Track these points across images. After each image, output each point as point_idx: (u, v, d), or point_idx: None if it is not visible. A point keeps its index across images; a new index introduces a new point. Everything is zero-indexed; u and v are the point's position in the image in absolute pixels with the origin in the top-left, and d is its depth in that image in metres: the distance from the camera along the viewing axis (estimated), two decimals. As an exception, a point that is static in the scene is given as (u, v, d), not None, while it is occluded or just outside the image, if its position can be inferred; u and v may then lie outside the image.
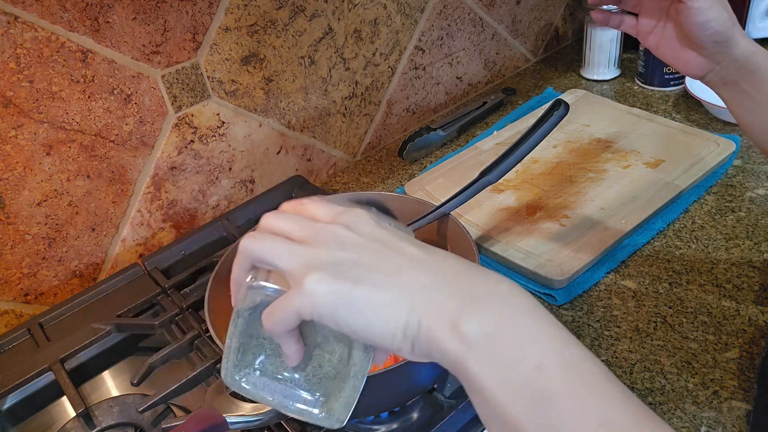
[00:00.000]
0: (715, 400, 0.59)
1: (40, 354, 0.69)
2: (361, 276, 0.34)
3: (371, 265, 0.34)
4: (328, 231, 0.36)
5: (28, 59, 0.68)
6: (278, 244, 0.36)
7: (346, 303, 0.33)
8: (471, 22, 1.10)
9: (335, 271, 0.34)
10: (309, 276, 0.33)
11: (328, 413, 0.38)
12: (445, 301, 0.33)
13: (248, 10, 0.82)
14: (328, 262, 0.34)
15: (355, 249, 0.35)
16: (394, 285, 0.34)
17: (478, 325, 0.31)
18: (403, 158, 1.02)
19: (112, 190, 0.79)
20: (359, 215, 0.37)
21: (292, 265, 0.35)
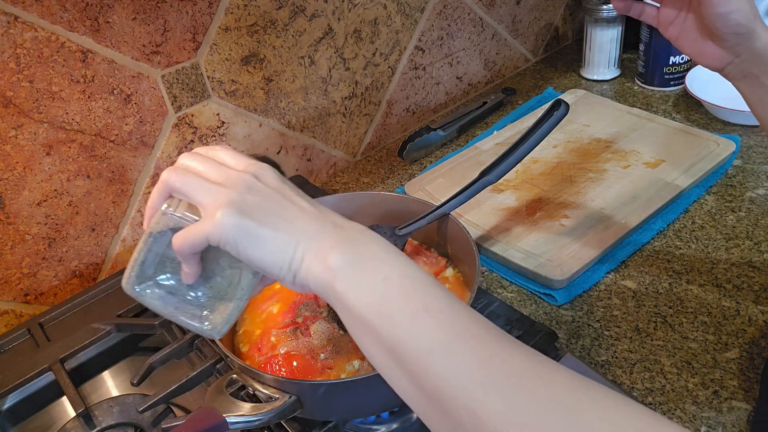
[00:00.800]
0: (715, 400, 0.59)
1: (40, 354, 0.69)
2: (263, 217, 0.42)
3: (272, 210, 0.42)
4: (240, 177, 0.43)
5: (28, 59, 0.68)
6: (197, 181, 0.43)
7: (248, 236, 0.41)
8: (471, 22, 1.10)
9: (242, 209, 0.41)
10: (221, 210, 0.41)
11: (211, 325, 0.46)
12: (322, 242, 0.42)
13: (248, 10, 0.82)
14: (238, 201, 0.42)
15: (261, 195, 0.43)
16: (288, 228, 0.42)
17: (341, 257, 0.41)
18: (403, 158, 1.02)
19: (112, 190, 0.79)
20: (267, 169, 0.45)
21: (207, 199, 0.42)
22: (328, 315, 0.63)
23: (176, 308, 0.46)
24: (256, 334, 0.63)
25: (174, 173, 0.44)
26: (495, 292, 0.75)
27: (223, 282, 0.46)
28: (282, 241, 0.42)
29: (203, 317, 0.46)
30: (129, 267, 0.45)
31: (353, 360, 0.57)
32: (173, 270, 0.46)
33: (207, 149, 0.47)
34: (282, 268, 0.42)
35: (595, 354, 0.66)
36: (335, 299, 0.41)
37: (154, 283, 0.46)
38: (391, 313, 0.39)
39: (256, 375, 0.54)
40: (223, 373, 0.62)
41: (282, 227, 0.42)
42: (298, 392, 0.52)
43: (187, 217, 0.44)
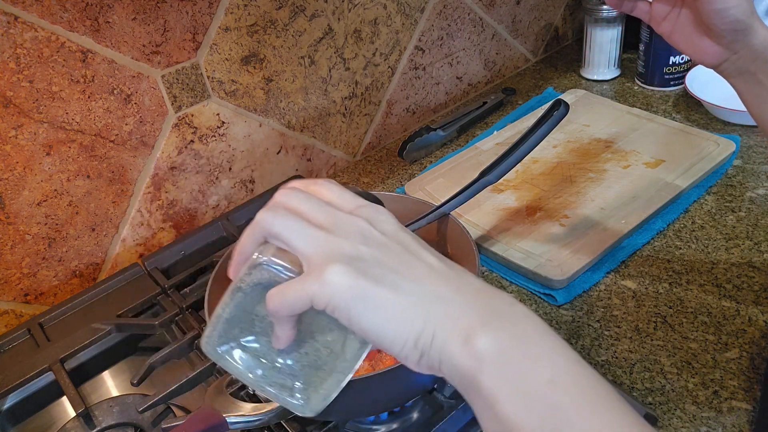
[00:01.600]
0: (715, 400, 0.59)
1: (40, 354, 0.69)
2: (383, 276, 0.33)
3: (393, 267, 0.34)
4: (351, 222, 0.35)
5: (28, 59, 0.68)
6: (299, 225, 0.35)
7: (363, 301, 0.33)
8: (471, 22, 1.10)
9: (357, 267, 0.33)
10: (331, 266, 0.33)
11: (305, 402, 0.38)
12: (462, 315, 0.33)
13: (248, 10, 0.82)
14: (351, 255, 0.33)
15: (379, 247, 0.34)
16: (414, 291, 0.33)
17: (492, 341, 0.32)
18: (403, 158, 1.02)
19: (112, 190, 0.79)
20: (381, 212, 0.37)
21: (311, 250, 0.34)
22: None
23: (263, 376, 0.38)
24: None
25: (272, 215, 0.36)
26: (495, 292, 0.75)
27: (323, 350, 0.38)
28: (407, 309, 0.33)
29: (294, 389, 0.38)
30: (210, 324, 0.38)
31: (353, 360, 0.57)
32: (263, 331, 0.38)
33: (307, 183, 0.38)
34: (406, 343, 0.33)
35: (595, 354, 0.66)
36: (477, 395, 0.32)
37: (238, 344, 0.38)
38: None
39: (256, 375, 0.53)
40: (223, 373, 0.62)
41: (407, 290, 0.33)
42: (298, 392, 0.52)
43: (286, 269, 0.36)
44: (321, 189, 0.38)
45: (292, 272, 0.36)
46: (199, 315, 0.71)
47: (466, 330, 0.32)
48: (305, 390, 0.38)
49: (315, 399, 0.38)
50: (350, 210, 0.36)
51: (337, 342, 0.37)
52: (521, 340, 0.32)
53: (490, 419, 0.32)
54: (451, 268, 0.35)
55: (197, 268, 0.77)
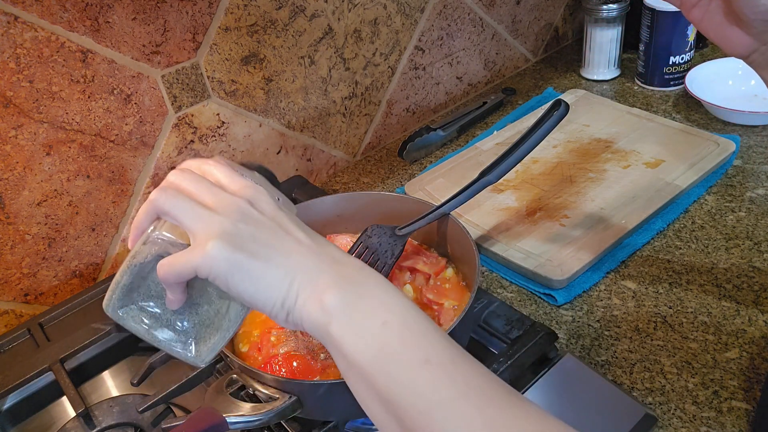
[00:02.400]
0: (715, 400, 0.59)
1: (40, 354, 0.69)
2: (257, 250, 0.39)
3: (266, 242, 0.40)
4: (233, 202, 0.41)
5: (28, 59, 0.68)
6: (187, 204, 0.40)
7: (239, 271, 0.39)
8: (471, 22, 1.10)
9: (234, 242, 0.39)
10: (212, 241, 0.38)
11: (196, 354, 0.44)
12: (318, 280, 0.39)
13: (248, 10, 0.82)
14: (230, 231, 0.39)
15: (255, 224, 0.40)
16: (282, 263, 0.40)
17: (339, 298, 0.39)
18: (403, 158, 1.02)
19: (112, 190, 0.79)
20: (261, 193, 0.42)
21: (197, 226, 0.40)
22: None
23: (158, 332, 0.44)
24: (256, 334, 0.63)
25: (163, 194, 0.41)
26: (495, 292, 0.75)
27: (210, 311, 0.44)
28: (275, 277, 0.39)
29: (187, 344, 0.45)
30: (110, 289, 0.43)
31: (353, 360, 0.57)
32: (158, 295, 0.44)
33: (199, 163, 0.44)
34: (275, 305, 0.40)
35: (595, 354, 0.66)
36: (330, 343, 0.39)
37: (138, 307, 0.44)
38: (389, 363, 0.37)
39: (256, 375, 0.54)
40: (223, 373, 0.62)
41: (276, 261, 0.39)
42: (298, 392, 0.52)
43: (174, 242, 0.41)
44: (211, 169, 0.43)
45: (181, 246, 0.41)
46: (199, 315, 0.71)
47: (320, 292, 0.39)
48: (196, 344, 0.45)
49: (204, 351, 0.44)
50: (234, 191, 0.42)
51: (223, 305, 0.44)
52: (363, 296, 0.39)
53: (340, 360, 0.39)
54: (316, 243, 0.41)
55: (197, 268, 0.77)
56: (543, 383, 0.59)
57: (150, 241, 0.42)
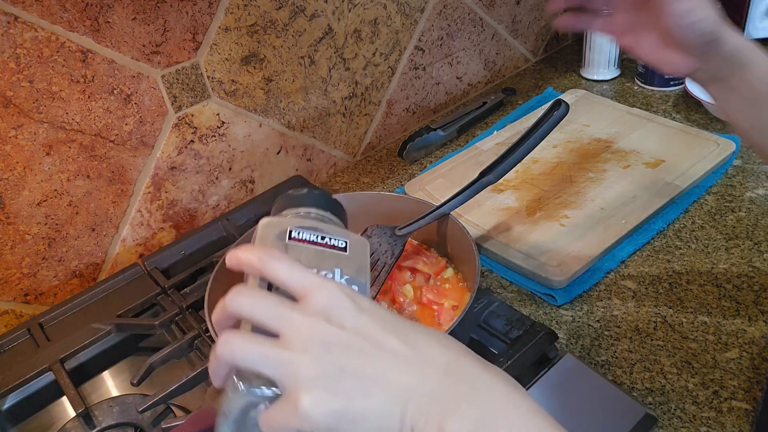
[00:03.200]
0: (715, 400, 0.59)
1: (40, 354, 0.69)
2: (352, 388, 0.34)
3: (360, 373, 0.35)
4: (307, 328, 0.35)
5: (28, 59, 0.68)
6: (258, 351, 0.35)
7: (344, 419, 0.34)
8: (471, 22, 1.10)
9: (327, 387, 0.34)
10: (303, 397, 0.34)
11: None
12: (431, 407, 0.34)
13: (248, 10, 0.82)
14: (318, 375, 0.34)
15: (341, 352, 0.35)
16: (384, 391, 0.35)
17: (459, 426, 0.34)
18: (403, 158, 1.02)
19: (112, 190, 0.79)
20: (335, 297, 0.36)
21: (279, 375, 0.35)
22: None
23: None
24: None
25: (227, 346, 0.35)
26: (495, 292, 0.75)
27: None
28: (382, 414, 0.34)
29: None
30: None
31: (353, 360, 0.57)
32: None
33: (257, 261, 0.38)
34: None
35: (595, 354, 0.66)
36: None
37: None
38: None
39: (256, 375, 0.53)
40: (223, 373, 0.62)
41: (375, 392, 0.34)
42: (298, 392, 0.52)
43: (267, 392, 0.36)
44: (271, 271, 0.38)
45: (273, 393, 0.36)
46: (199, 315, 0.71)
47: (437, 422, 0.34)
48: None
49: None
50: (305, 304, 0.36)
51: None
52: (488, 418, 0.34)
53: None
54: (414, 350, 0.36)
55: (197, 268, 0.77)
56: (543, 383, 0.59)
57: (236, 395, 0.37)
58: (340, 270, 0.40)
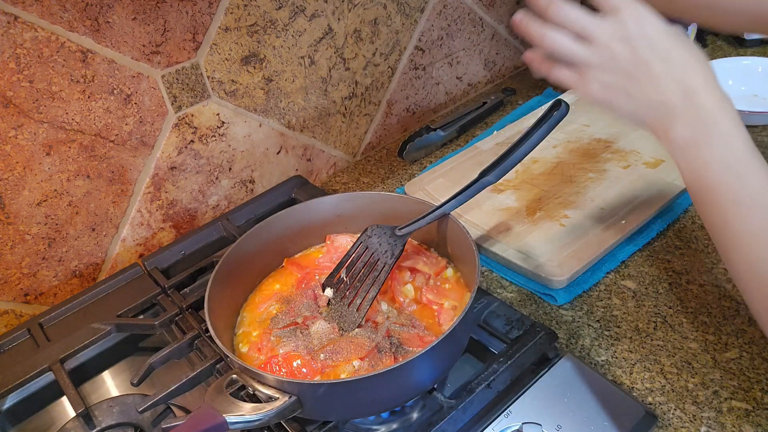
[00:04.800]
0: (715, 400, 0.59)
1: (40, 354, 0.69)
2: (620, 91, 0.51)
3: (627, 83, 0.51)
4: (599, 51, 0.51)
5: (28, 59, 0.68)
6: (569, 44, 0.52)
7: (608, 106, 0.53)
8: (471, 22, 1.10)
9: (604, 81, 0.52)
10: (590, 84, 0.52)
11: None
12: (665, 116, 0.51)
13: (248, 10, 0.82)
14: (603, 70, 0.52)
15: (614, 71, 0.51)
16: (639, 100, 0.51)
17: (680, 133, 0.50)
18: (403, 158, 1.02)
19: (112, 190, 0.79)
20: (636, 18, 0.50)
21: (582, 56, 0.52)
22: (328, 315, 0.64)
23: None
24: (256, 334, 0.63)
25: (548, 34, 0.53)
26: (495, 292, 0.75)
27: None
28: (633, 113, 0.52)
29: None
30: None
31: (353, 360, 0.57)
32: None
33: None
34: (643, 125, 0.53)
35: (595, 354, 0.66)
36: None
37: None
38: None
39: (256, 375, 0.54)
40: (223, 373, 0.63)
41: (634, 100, 0.51)
42: (298, 392, 0.52)
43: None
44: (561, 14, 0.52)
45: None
46: (199, 315, 0.71)
47: (663, 129, 0.51)
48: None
49: None
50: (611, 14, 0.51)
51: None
52: (702, 135, 0.49)
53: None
54: (670, 67, 0.50)
55: (197, 268, 0.77)
56: (543, 383, 0.59)
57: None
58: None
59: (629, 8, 0.50)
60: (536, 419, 0.55)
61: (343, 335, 0.60)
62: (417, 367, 0.53)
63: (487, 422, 0.56)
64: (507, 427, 0.55)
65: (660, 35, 0.50)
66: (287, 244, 0.73)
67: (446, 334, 0.53)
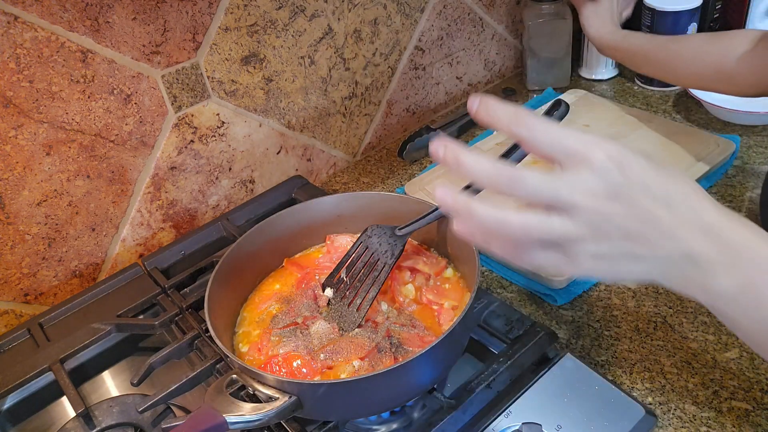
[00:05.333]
0: (715, 400, 0.59)
1: (40, 354, 0.69)
2: (621, 256, 0.39)
3: (628, 246, 0.39)
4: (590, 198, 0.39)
5: (28, 59, 0.68)
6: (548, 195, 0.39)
7: (606, 276, 0.41)
8: (471, 22, 1.10)
9: (599, 253, 0.39)
10: (581, 261, 0.40)
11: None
12: (693, 268, 0.40)
13: (248, 10, 0.82)
14: (593, 243, 0.39)
15: (616, 222, 0.39)
16: (648, 261, 0.40)
17: (725, 287, 0.39)
18: (403, 158, 1.02)
19: (112, 190, 0.79)
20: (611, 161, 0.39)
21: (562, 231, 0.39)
22: (328, 315, 0.64)
23: None
24: (256, 334, 0.63)
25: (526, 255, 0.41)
26: (495, 292, 0.75)
27: None
28: (642, 275, 0.40)
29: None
30: None
31: (353, 360, 0.57)
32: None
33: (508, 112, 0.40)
34: (655, 282, 0.41)
35: (595, 354, 0.66)
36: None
37: None
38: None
39: (256, 375, 0.54)
40: (223, 373, 0.62)
41: (642, 262, 0.39)
42: (298, 392, 0.52)
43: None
44: (528, 131, 0.40)
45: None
46: (199, 315, 0.71)
47: (700, 283, 0.40)
48: None
49: None
50: (577, 162, 0.39)
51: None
52: (751, 285, 0.39)
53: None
54: (675, 213, 0.39)
55: (197, 268, 0.77)
56: (543, 383, 0.59)
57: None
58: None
59: (600, 151, 0.39)
60: (536, 419, 0.55)
61: (343, 335, 0.60)
62: (417, 367, 0.53)
63: (487, 422, 0.56)
64: (507, 427, 0.55)
65: (650, 174, 0.40)
66: (287, 244, 0.73)
67: (446, 334, 0.53)
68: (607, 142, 0.39)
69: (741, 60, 0.73)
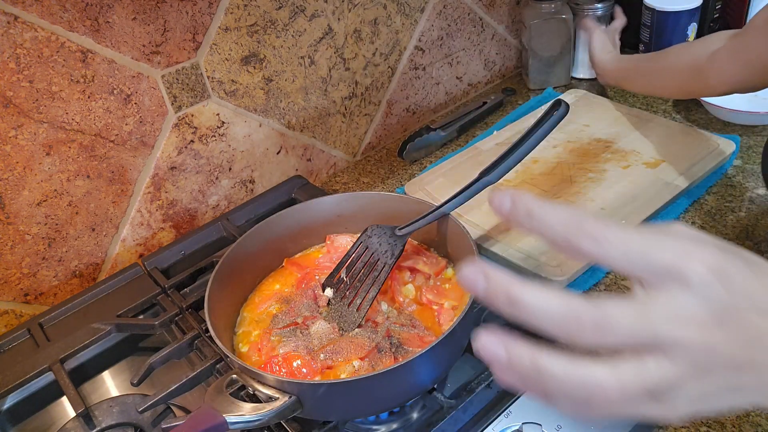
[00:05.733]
0: (715, 400, 0.59)
1: (40, 354, 0.69)
2: (719, 395, 0.31)
3: (730, 380, 0.30)
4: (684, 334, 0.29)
5: (28, 59, 0.68)
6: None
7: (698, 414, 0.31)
8: (471, 22, 1.10)
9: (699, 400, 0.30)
10: (679, 407, 0.30)
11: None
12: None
13: (248, 10, 0.82)
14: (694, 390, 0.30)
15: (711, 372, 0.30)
16: (747, 394, 0.31)
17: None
18: (403, 158, 1.02)
19: (112, 190, 0.79)
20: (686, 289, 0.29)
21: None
22: (328, 315, 0.64)
23: None
24: (256, 334, 0.63)
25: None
26: (495, 292, 0.75)
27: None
28: (743, 405, 0.31)
29: None
30: None
31: (353, 360, 0.57)
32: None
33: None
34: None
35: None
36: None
37: None
38: None
39: (256, 375, 0.54)
40: (223, 373, 0.62)
41: (743, 400, 0.31)
42: (298, 392, 0.52)
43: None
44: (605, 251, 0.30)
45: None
46: (199, 315, 0.71)
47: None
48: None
49: None
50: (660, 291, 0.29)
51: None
52: None
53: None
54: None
55: (197, 268, 0.77)
56: (543, 383, 0.59)
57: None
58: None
59: (698, 263, 0.30)
60: (536, 419, 0.55)
61: (343, 335, 0.60)
62: (417, 367, 0.53)
63: (487, 422, 0.56)
64: (507, 427, 0.55)
65: (751, 280, 0.31)
66: (287, 244, 0.73)
67: (446, 334, 0.53)
68: (702, 245, 0.31)
69: (713, 57, 0.74)
